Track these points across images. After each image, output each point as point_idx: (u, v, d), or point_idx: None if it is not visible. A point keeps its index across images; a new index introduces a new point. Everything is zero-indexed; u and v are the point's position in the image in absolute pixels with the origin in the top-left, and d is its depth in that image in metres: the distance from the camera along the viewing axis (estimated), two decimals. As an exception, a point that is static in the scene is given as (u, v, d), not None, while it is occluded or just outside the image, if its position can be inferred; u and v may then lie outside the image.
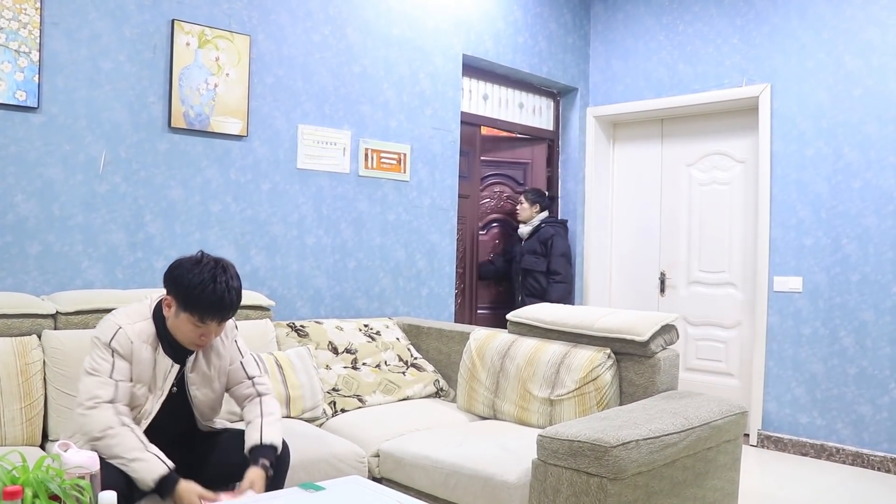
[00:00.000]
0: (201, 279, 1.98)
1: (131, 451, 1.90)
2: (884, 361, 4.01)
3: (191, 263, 2.03)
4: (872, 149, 4.08)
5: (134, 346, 2.03)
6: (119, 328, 2.03)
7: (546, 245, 4.83)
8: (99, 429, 1.91)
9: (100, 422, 1.92)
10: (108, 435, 1.90)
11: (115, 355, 2.01)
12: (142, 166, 3.15)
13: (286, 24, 3.61)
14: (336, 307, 3.84)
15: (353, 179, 3.91)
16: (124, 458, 1.89)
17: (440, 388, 3.45)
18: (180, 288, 2.00)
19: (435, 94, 4.32)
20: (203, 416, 2.22)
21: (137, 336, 2.05)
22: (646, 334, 2.75)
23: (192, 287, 1.98)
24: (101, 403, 1.94)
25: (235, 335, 2.30)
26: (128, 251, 3.11)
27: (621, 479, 1.99)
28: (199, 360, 2.17)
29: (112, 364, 2.00)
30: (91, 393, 1.96)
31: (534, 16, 4.98)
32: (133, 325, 2.06)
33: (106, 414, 1.93)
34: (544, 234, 4.87)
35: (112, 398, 1.96)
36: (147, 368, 2.06)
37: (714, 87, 4.76)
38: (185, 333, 2.05)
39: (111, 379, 1.98)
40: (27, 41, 2.81)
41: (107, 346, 2.01)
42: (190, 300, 1.99)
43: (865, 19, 4.11)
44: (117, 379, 1.99)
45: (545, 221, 4.94)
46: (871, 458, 4.00)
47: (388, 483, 2.62)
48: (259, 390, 2.27)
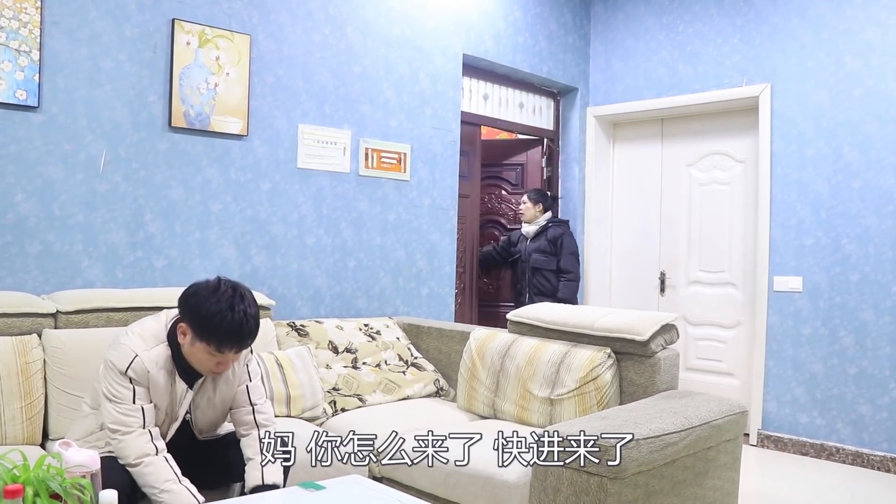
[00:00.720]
0: (219, 308, 1.91)
1: (164, 483, 1.89)
2: (883, 361, 4.01)
3: (208, 291, 1.96)
4: (872, 149, 4.08)
5: (151, 375, 1.99)
6: (135, 356, 1.97)
7: (555, 244, 4.83)
8: (135, 456, 1.91)
9: (136, 449, 1.92)
10: (144, 463, 1.91)
11: (134, 383, 1.97)
12: (142, 166, 3.15)
13: (286, 24, 3.61)
14: (336, 307, 3.84)
15: (353, 179, 3.91)
16: (155, 489, 1.89)
17: (440, 388, 3.45)
18: (196, 317, 1.94)
19: (435, 93, 4.32)
20: (201, 432, 2.21)
21: (154, 363, 2.00)
22: (646, 334, 2.75)
23: (210, 317, 1.91)
24: (134, 429, 1.94)
25: (249, 359, 2.24)
26: (128, 250, 3.11)
27: (621, 478, 1.99)
28: (206, 384, 2.12)
29: (133, 391, 1.97)
30: (120, 421, 1.94)
31: (534, 15, 4.99)
32: (149, 351, 2.00)
33: (140, 442, 1.93)
34: (553, 233, 4.86)
35: (143, 423, 1.96)
36: (164, 394, 2.03)
37: (714, 86, 4.76)
38: (202, 362, 2.00)
39: (135, 405, 1.96)
40: (27, 40, 2.81)
41: (123, 374, 1.97)
42: (207, 330, 1.93)
43: (865, 19, 4.11)
44: (141, 404, 1.97)
45: (551, 221, 4.94)
46: (871, 457, 4.00)
47: (388, 482, 2.62)
48: (258, 420, 2.19)
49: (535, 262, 4.84)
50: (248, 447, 2.15)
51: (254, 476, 2.08)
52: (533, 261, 4.85)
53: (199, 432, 2.20)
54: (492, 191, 5.47)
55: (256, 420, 2.19)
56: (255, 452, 2.11)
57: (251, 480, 2.08)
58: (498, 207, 5.47)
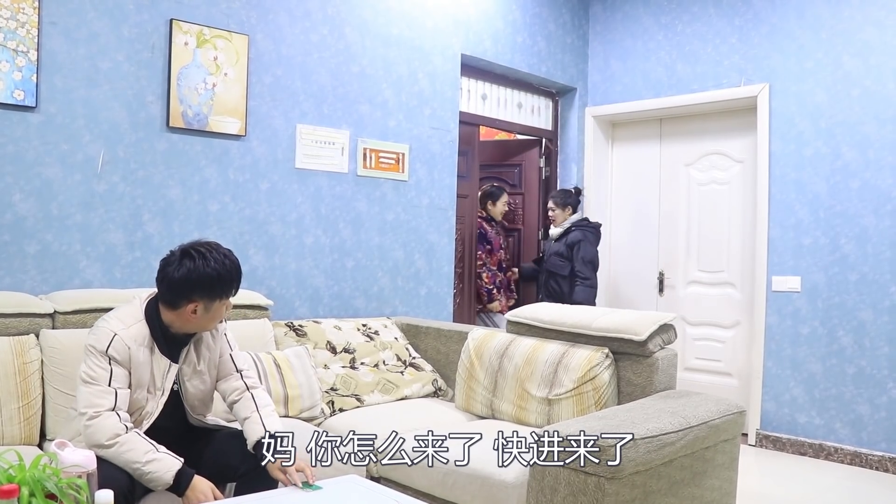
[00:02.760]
0: (215, 265, 2.03)
1: (145, 455, 1.90)
2: (882, 361, 4.01)
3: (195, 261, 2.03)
4: (871, 149, 4.09)
5: (132, 351, 2.03)
6: (114, 335, 2.02)
7: (572, 249, 4.72)
8: (107, 437, 1.91)
9: (107, 430, 1.92)
10: (118, 442, 1.91)
11: (113, 363, 2.00)
12: (140, 166, 3.15)
13: (284, 24, 3.61)
14: (334, 307, 3.84)
15: (351, 179, 3.91)
16: (139, 462, 1.89)
17: (438, 388, 3.45)
18: (203, 285, 2.03)
19: (433, 93, 4.32)
20: (193, 409, 2.22)
21: (133, 340, 2.05)
22: (644, 334, 2.75)
23: (216, 276, 2.04)
24: (103, 412, 1.94)
25: (224, 328, 2.30)
26: (126, 250, 3.11)
27: (619, 478, 1.99)
28: (190, 353, 2.18)
29: (110, 372, 1.99)
30: (91, 403, 1.95)
31: (532, 16, 4.99)
32: (128, 329, 2.05)
33: (111, 422, 1.93)
34: (572, 238, 4.75)
35: (113, 406, 1.96)
36: (145, 371, 2.06)
37: (712, 87, 4.76)
38: (217, 318, 2.11)
39: (110, 387, 1.98)
40: (25, 40, 2.81)
41: (103, 354, 2.00)
42: (219, 287, 2.05)
43: (863, 19, 4.12)
44: (116, 387, 1.99)
45: (576, 225, 4.79)
46: (870, 457, 4.00)
47: (386, 482, 2.62)
48: (248, 384, 2.27)
49: (551, 265, 4.80)
50: (244, 408, 2.20)
51: (255, 430, 2.12)
52: (550, 264, 4.81)
53: (191, 409, 2.21)
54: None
55: (247, 384, 2.27)
56: (252, 410, 2.18)
57: (253, 435, 2.11)
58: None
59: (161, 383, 2.10)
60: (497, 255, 5.10)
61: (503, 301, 5.14)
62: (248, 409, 2.19)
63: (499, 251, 5.13)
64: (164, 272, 2.07)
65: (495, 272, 5.08)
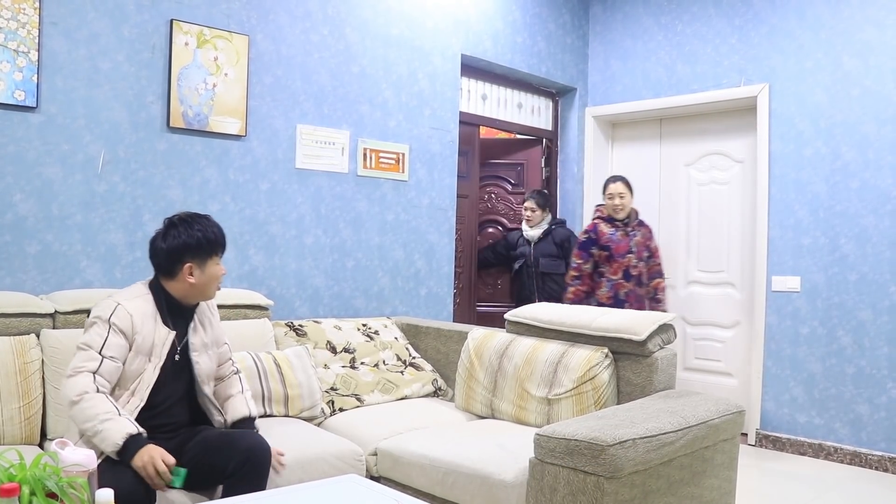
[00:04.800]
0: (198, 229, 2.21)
1: (104, 414, 1.95)
2: (881, 361, 4.02)
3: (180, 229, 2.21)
4: (870, 149, 4.09)
5: (134, 320, 2.12)
6: (118, 304, 2.13)
7: (563, 247, 4.70)
8: (75, 393, 1.97)
9: (77, 386, 1.99)
10: (84, 399, 1.96)
11: (112, 331, 2.08)
12: (140, 166, 3.15)
13: (285, 25, 3.62)
14: (334, 307, 3.85)
15: (351, 179, 3.92)
16: (95, 421, 1.94)
17: (438, 388, 3.45)
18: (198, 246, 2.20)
19: (433, 94, 4.32)
20: (202, 381, 2.30)
21: (137, 310, 2.15)
22: (643, 333, 2.76)
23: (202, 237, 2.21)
24: (81, 372, 2.02)
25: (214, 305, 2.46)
26: (126, 250, 3.12)
27: (618, 477, 2.00)
28: (197, 328, 2.31)
29: (104, 339, 2.07)
30: (76, 366, 2.04)
31: (532, 16, 4.99)
32: (131, 300, 2.17)
33: (84, 380, 2.00)
34: (559, 235, 4.76)
35: (94, 370, 2.03)
36: (147, 340, 2.15)
37: (712, 87, 4.77)
38: (214, 279, 2.26)
39: (99, 354, 2.05)
40: (26, 41, 2.82)
41: (105, 321, 2.09)
42: (209, 247, 2.23)
43: (863, 20, 4.12)
44: (105, 355, 2.06)
45: (555, 223, 4.85)
46: (869, 457, 4.01)
47: (385, 482, 2.63)
48: (237, 368, 2.51)
49: (546, 266, 4.73)
50: (231, 386, 2.43)
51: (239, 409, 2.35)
52: (543, 266, 4.74)
53: (201, 381, 2.29)
54: (492, 190, 5.44)
55: (236, 368, 2.50)
56: (238, 390, 2.41)
57: (239, 412, 2.34)
58: (498, 207, 5.43)
59: (159, 351, 2.18)
60: (621, 260, 4.27)
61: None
62: (236, 388, 2.42)
63: (626, 255, 4.28)
64: (153, 246, 2.24)
65: (618, 282, 4.28)
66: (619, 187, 4.34)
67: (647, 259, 4.38)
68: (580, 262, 4.33)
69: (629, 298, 4.26)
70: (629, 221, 4.33)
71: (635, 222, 4.36)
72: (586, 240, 4.34)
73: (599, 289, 4.30)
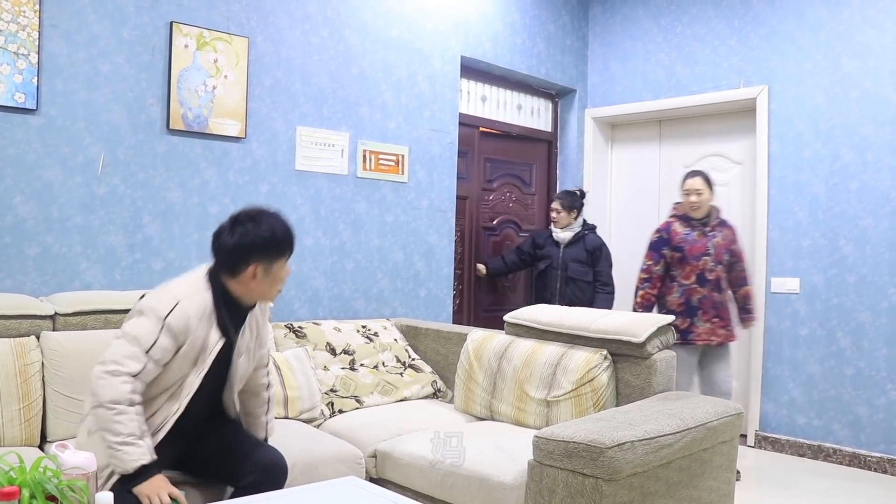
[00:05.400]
0: (267, 227, 2.04)
1: (128, 435, 1.85)
2: (880, 362, 4.02)
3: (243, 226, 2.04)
4: (869, 150, 4.10)
5: (190, 322, 1.98)
6: (177, 303, 1.97)
7: (593, 255, 4.50)
8: (109, 399, 1.85)
9: (114, 391, 1.86)
10: (116, 410, 1.85)
11: (165, 332, 1.94)
12: (140, 168, 3.16)
13: (284, 27, 3.62)
14: (334, 308, 3.85)
15: (351, 181, 3.92)
16: (119, 437, 1.84)
17: (438, 389, 3.46)
18: (266, 246, 2.03)
19: (433, 95, 4.33)
20: (234, 383, 2.20)
21: (195, 311, 2.00)
22: (642, 336, 2.76)
23: (270, 237, 2.04)
24: (123, 374, 1.88)
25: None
26: (126, 252, 3.12)
27: (616, 479, 2.00)
28: (245, 331, 2.16)
29: (155, 340, 1.93)
30: (119, 359, 1.90)
31: (532, 17, 5.00)
32: (192, 298, 2.01)
33: (123, 388, 1.87)
34: (592, 242, 4.53)
35: (136, 373, 1.90)
36: (196, 344, 2.01)
37: (712, 88, 4.77)
38: (279, 282, 2.11)
39: (146, 356, 1.92)
40: (26, 43, 2.82)
41: (161, 319, 1.94)
42: (275, 246, 2.05)
43: (862, 21, 4.13)
44: (152, 357, 1.93)
45: (587, 228, 4.61)
46: (868, 458, 4.01)
47: (385, 483, 2.63)
48: (270, 381, 2.37)
49: (574, 272, 4.50)
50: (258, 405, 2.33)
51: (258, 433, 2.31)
52: (572, 270, 4.50)
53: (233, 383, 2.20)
54: (506, 191, 5.21)
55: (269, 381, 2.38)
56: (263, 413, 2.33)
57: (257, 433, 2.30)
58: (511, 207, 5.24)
59: (206, 358, 2.05)
60: (695, 263, 3.82)
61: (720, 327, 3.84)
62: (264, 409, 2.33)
63: (701, 258, 3.82)
64: (218, 241, 2.06)
65: (691, 287, 3.83)
66: (696, 183, 3.85)
67: (728, 263, 3.89)
68: (650, 264, 3.92)
69: (703, 305, 3.80)
70: (708, 221, 3.88)
71: (715, 221, 3.90)
72: (658, 239, 3.93)
73: (670, 294, 3.88)
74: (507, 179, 5.24)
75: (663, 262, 3.89)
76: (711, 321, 3.80)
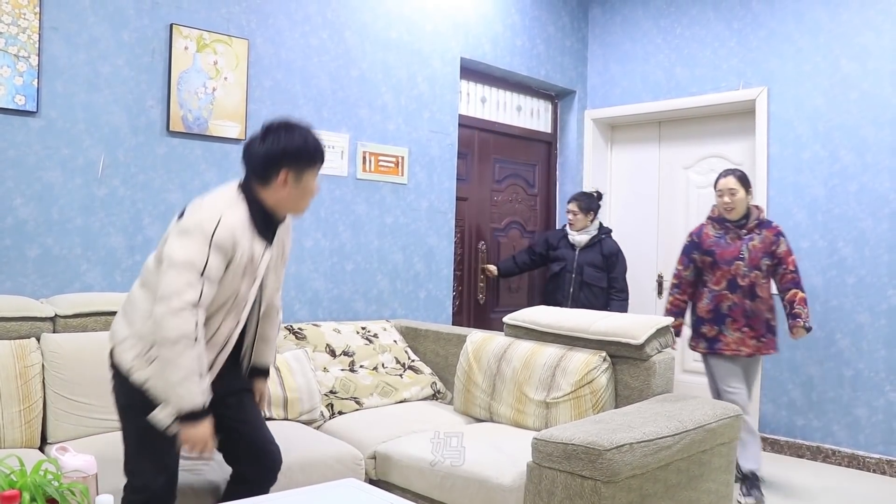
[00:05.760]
0: (299, 136, 2.03)
1: (188, 374, 1.83)
2: (879, 364, 4.02)
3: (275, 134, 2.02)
4: (868, 152, 4.10)
5: (236, 234, 1.93)
6: (221, 217, 1.91)
7: (610, 260, 4.42)
8: (176, 334, 1.82)
9: (182, 328, 1.83)
10: (181, 344, 1.82)
11: (214, 250, 1.88)
12: (140, 170, 3.16)
13: (284, 28, 3.63)
14: (334, 310, 3.86)
15: (350, 182, 3.93)
16: (179, 374, 1.82)
17: (437, 391, 3.46)
18: (297, 154, 2.02)
19: (433, 97, 4.34)
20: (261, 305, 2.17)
21: (238, 223, 1.96)
22: (641, 337, 2.77)
23: (302, 145, 2.03)
24: (188, 307, 1.84)
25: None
26: (126, 254, 3.13)
27: (615, 482, 2.01)
28: (275, 247, 2.12)
29: (206, 260, 1.87)
30: (179, 290, 1.84)
31: (532, 19, 5.00)
32: (233, 210, 1.97)
33: (188, 326, 1.84)
34: (609, 247, 4.46)
35: (197, 300, 1.86)
36: (245, 256, 1.98)
37: (711, 90, 4.78)
38: (309, 193, 2.09)
39: (201, 279, 1.86)
40: (26, 46, 2.83)
41: (208, 237, 1.88)
42: (306, 154, 2.04)
43: (861, 23, 4.13)
44: (207, 278, 1.88)
45: (604, 232, 4.52)
46: (867, 460, 4.02)
47: (384, 485, 2.64)
48: (279, 305, 2.33)
49: (589, 276, 4.41)
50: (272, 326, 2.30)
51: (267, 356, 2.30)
52: (587, 275, 4.41)
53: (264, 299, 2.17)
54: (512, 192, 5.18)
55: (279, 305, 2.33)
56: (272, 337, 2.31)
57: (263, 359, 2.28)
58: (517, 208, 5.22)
59: (256, 268, 2.02)
60: (726, 268, 3.57)
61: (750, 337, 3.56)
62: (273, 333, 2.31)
63: (733, 262, 3.56)
64: (249, 150, 2.06)
65: (720, 294, 3.58)
66: (729, 182, 3.59)
67: (771, 267, 3.61)
68: (680, 269, 3.75)
69: (733, 313, 3.55)
70: (745, 223, 3.61)
71: (754, 223, 3.62)
72: (689, 243, 3.74)
73: (700, 300, 3.66)
74: (512, 180, 5.23)
75: (693, 267, 3.70)
76: (741, 330, 3.53)
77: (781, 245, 3.63)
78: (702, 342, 3.67)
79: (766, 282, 3.60)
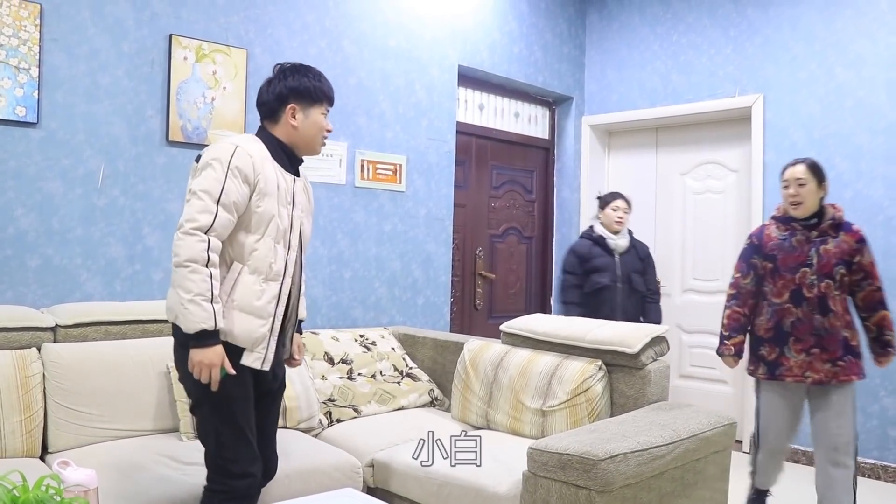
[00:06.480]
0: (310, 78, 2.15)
1: (197, 295, 1.89)
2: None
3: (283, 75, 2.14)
4: (863, 159, 4.13)
5: (255, 161, 2.02)
6: (237, 146, 2.01)
7: (646, 262, 4.29)
8: (186, 256, 1.90)
9: (189, 252, 1.90)
10: (191, 268, 1.90)
11: (230, 175, 1.97)
12: (140, 180, 3.19)
13: (283, 38, 3.66)
14: (332, 317, 3.88)
15: (349, 190, 3.96)
16: (188, 296, 1.89)
17: (435, 398, 3.49)
18: (304, 91, 2.13)
19: (431, 104, 4.36)
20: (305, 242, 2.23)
21: (257, 154, 2.04)
22: (636, 346, 2.80)
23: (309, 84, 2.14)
24: (197, 231, 1.92)
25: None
26: (126, 264, 3.15)
27: (609, 491, 2.03)
28: (297, 186, 2.19)
29: (222, 185, 1.95)
30: (192, 216, 1.93)
31: (529, 26, 5.03)
32: (250, 145, 2.06)
33: (198, 247, 1.91)
34: (643, 249, 4.32)
35: (208, 226, 1.93)
36: (271, 182, 2.05)
37: (707, 97, 4.81)
38: (319, 129, 2.17)
39: (216, 205, 1.94)
40: (27, 57, 2.86)
41: (224, 164, 1.97)
42: (317, 93, 2.15)
43: (856, 31, 4.16)
44: (223, 204, 1.95)
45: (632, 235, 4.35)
46: (862, 465, 4.04)
47: (382, 493, 2.66)
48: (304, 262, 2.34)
49: (637, 283, 4.17)
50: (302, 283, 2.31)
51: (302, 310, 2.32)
52: (634, 282, 4.16)
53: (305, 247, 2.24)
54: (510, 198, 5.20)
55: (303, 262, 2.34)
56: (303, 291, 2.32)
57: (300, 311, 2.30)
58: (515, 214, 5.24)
59: (287, 194, 2.11)
60: (789, 276, 2.97)
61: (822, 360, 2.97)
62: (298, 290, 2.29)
63: (798, 269, 2.95)
64: (261, 92, 2.17)
65: (783, 308, 2.98)
66: (797, 171, 2.98)
67: (855, 281, 2.98)
68: (738, 277, 3.13)
69: (797, 331, 2.95)
70: (818, 222, 2.97)
71: (828, 223, 2.96)
72: (748, 246, 3.16)
73: (759, 316, 3.07)
74: (510, 187, 5.26)
75: (753, 275, 3.08)
76: (809, 352, 2.93)
77: (865, 255, 2.96)
78: (761, 366, 3.10)
79: (839, 294, 2.95)
